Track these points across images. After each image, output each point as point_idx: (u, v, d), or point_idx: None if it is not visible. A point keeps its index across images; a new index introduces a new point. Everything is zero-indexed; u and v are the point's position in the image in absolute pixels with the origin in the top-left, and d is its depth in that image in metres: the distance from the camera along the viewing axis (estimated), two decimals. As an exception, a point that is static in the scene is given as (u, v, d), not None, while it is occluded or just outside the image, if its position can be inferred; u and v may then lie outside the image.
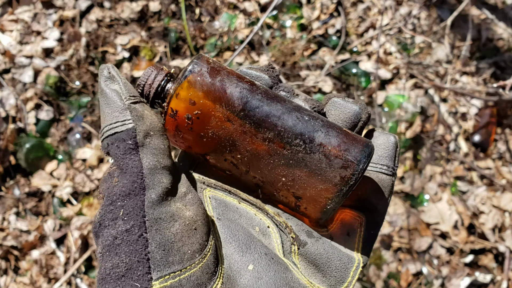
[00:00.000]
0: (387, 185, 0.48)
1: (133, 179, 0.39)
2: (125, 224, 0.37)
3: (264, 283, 0.43)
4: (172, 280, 0.36)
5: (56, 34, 2.07)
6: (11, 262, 1.72)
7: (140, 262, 0.36)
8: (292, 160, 0.44)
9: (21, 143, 1.86)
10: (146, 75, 0.47)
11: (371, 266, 1.77)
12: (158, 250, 0.37)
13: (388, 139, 0.48)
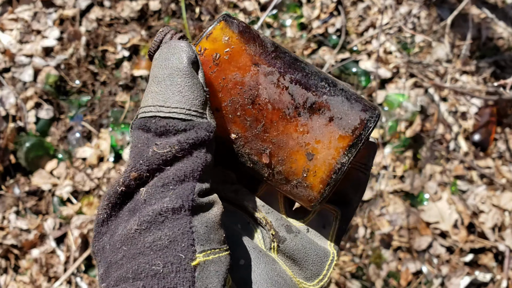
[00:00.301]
0: (362, 183, 0.50)
1: (193, 167, 0.38)
2: (171, 203, 0.36)
3: (258, 275, 0.44)
4: (213, 255, 0.37)
5: (56, 33, 2.07)
6: (11, 261, 1.72)
7: (184, 234, 0.36)
8: (316, 103, 0.44)
9: (21, 142, 1.86)
10: (162, 33, 0.45)
11: (371, 265, 1.77)
12: (202, 226, 0.37)
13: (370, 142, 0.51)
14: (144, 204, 0.37)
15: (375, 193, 1.86)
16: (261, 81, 0.44)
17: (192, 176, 0.37)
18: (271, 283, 0.44)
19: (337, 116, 0.44)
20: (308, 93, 0.44)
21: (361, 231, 1.81)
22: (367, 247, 1.79)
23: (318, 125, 0.44)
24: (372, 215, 1.83)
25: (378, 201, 1.85)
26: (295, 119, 0.44)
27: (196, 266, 0.35)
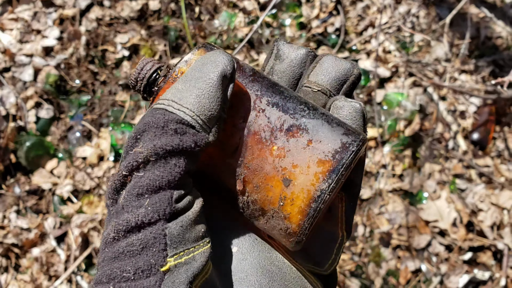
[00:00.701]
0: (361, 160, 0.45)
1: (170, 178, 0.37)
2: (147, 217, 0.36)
3: (248, 263, 0.43)
4: (186, 256, 0.36)
5: (56, 32, 2.07)
6: (11, 260, 1.73)
7: (156, 239, 0.35)
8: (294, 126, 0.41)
9: (21, 141, 1.86)
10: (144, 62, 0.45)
11: (370, 263, 1.78)
12: (176, 227, 0.36)
13: (354, 108, 0.44)
14: (122, 209, 0.36)
15: (374, 192, 1.86)
16: (242, 100, 0.42)
17: (168, 185, 0.36)
18: (261, 272, 0.42)
19: (316, 139, 0.40)
20: (285, 116, 0.41)
21: (361, 229, 1.82)
22: (366, 245, 1.80)
23: (295, 149, 0.40)
24: (371, 214, 1.84)
25: (377, 200, 1.86)
26: (271, 142, 0.41)
27: (166, 271, 0.35)
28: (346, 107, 0.45)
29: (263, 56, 2.06)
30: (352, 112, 0.44)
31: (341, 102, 0.45)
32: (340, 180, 0.40)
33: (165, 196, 0.36)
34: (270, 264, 0.44)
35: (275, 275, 0.43)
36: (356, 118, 0.44)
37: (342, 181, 0.40)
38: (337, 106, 0.45)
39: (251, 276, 0.42)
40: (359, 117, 0.44)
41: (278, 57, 0.49)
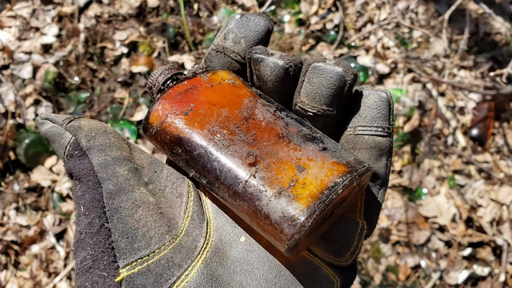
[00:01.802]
0: (384, 147, 0.44)
1: (87, 178, 0.40)
2: (87, 219, 0.38)
3: (255, 256, 0.42)
4: (140, 266, 0.36)
5: (55, 30, 2.07)
6: (11, 257, 1.73)
7: (104, 252, 0.37)
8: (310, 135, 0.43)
9: (20, 138, 1.86)
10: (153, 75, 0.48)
11: (369, 259, 1.78)
12: (122, 238, 0.37)
13: (380, 97, 0.43)
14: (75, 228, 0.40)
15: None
16: (258, 106, 0.43)
17: (91, 184, 0.40)
18: (268, 265, 0.42)
19: (331, 149, 0.41)
20: (302, 127, 0.42)
21: (360, 225, 1.82)
22: (365, 241, 1.80)
23: (311, 149, 0.41)
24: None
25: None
26: (287, 138, 0.41)
27: (121, 281, 0.35)
28: (372, 96, 0.44)
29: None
30: (377, 101, 0.44)
31: (367, 91, 0.44)
32: (352, 186, 0.39)
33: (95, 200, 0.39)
34: (279, 255, 0.43)
35: (283, 269, 0.42)
36: (382, 107, 0.44)
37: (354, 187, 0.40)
38: (363, 94, 0.44)
39: (257, 270, 0.41)
40: (384, 106, 0.44)
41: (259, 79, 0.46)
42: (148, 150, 1.89)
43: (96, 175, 0.40)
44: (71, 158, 0.41)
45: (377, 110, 0.44)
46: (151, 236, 0.38)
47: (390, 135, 0.44)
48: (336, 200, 0.38)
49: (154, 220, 0.39)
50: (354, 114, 0.44)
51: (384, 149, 0.44)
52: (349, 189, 0.39)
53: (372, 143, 0.43)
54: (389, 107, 0.44)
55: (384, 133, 0.44)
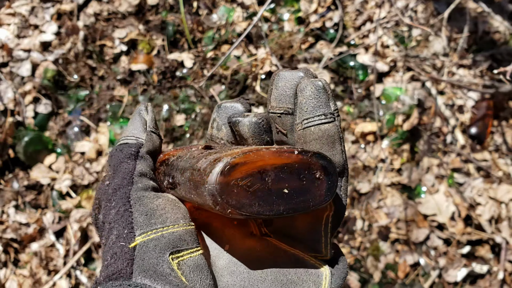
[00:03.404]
0: (333, 133, 0.45)
1: (123, 177, 0.45)
2: (114, 209, 0.43)
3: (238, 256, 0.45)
4: (154, 234, 0.40)
5: (54, 27, 2.07)
6: (10, 255, 1.73)
7: (125, 228, 0.41)
8: None
9: (19, 136, 1.86)
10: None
11: (368, 257, 1.78)
12: (141, 216, 0.41)
13: (315, 85, 0.45)
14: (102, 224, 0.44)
15: (373, 186, 1.87)
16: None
17: (123, 183, 0.44)
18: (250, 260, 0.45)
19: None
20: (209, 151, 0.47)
21: (359, 223, 1.82)
22: (365, 239, 1.80)
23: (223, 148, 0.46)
24: (369, 208, 1.84)
25: (376, 194, 1.86)
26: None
27: (135, 247, 0.39)
28: (308, 87, 0.45)
29: (261, 51, 2.06)
30: (314, 90, 0.45)
31: (303, 84, 0.46)
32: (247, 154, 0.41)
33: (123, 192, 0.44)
34: (260, 250, 0.45)
35: (264, 260, 0.44)
36: (319, 95, 0.45)
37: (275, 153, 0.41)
38: (300, 88, 0.46)
39: (241, 266, 0.44)
40: (321, 93, 0.45)
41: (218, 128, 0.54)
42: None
43: (132, 177, 0.45)
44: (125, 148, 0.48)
45: (315, 99, 0.45)
46: (167, 217, 0.42)
47: (335, 119, 0.45)
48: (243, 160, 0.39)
49: (172, 208, 0.43)
50: (299, 109, 0.46)
51: (334, 135, 0.45)
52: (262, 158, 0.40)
53: (319, 132, 0.45)
54: (326, 93, 0.45)
55: (327, 119, 0.45)
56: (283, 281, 0.43)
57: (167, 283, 0.37)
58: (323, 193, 0.41)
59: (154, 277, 0.38)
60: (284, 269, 0.44)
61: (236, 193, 0.39)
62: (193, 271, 0.40)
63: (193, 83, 2.01)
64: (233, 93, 2.00)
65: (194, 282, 0.40)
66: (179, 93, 2.00)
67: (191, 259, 0.41)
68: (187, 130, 1.95)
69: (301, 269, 0.45)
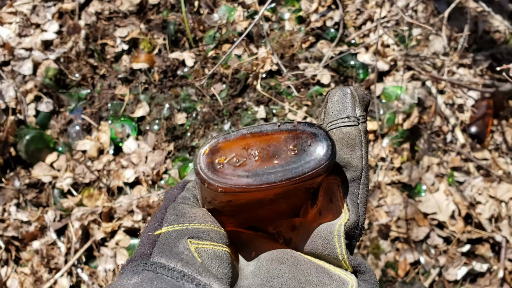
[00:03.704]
0: (354, 137, 0.45)
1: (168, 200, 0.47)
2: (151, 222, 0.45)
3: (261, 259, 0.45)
4: (179, 227, 0.42)
5: (55, 26, 2.07)
6: (12, 253, 1.73)
7: (156, 222, 0.43)
8: None
9: (21, 134, 1.86)
10: None
11: (369, 255, 1.79)
12: (172, 215, 0.43)
13: (343, 92, 0.46)
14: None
15: (373, 185, 1.87)
16: None
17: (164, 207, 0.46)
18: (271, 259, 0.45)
19: None
20: None
21: (360, 222, 1.82)
22: (365, 237, 1.81)
23: None
24: (370, 206, 1.85)
25: (376, 192, 1.87)
26: None
27: (159, 235, 0.41)
28: (336, 93, 0.46)
29: (262, 50, 2.06)
30: (341, 95, 0.46)
31: (333, 91, 0.47)
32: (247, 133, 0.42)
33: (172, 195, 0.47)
34: (283, 254, 0.45)
35: (285, 260, 0.44)
36: (345, 100, 0.45)
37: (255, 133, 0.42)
38: (330, 95, 0.47)
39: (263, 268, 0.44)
40: (348, 99, 0.45)
41: None
42: (149, 147, 1.89)
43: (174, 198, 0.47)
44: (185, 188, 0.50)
45: (341, 104, 0.45)
46: (196, 217, 0.44)
47: (359, 124, 0.45)
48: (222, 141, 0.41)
49: (203, 215, 0.45)
50: (326, 114, 0.47)
51: (355, 139, 0.45)
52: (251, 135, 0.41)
53: (340, 134, 0.45)
54: (353, 98, 0.45)
55: (350, 122, 0.45)
56: (301, 280, 0.42)
57: (179, 260, 0.39)
58: (319, 158, 0.41)
59: (169, 256, 0.39)
60: (305, 271, 0.43)
61: (222, 170, 0.40)
62: (212, 258, 0.41)
63: (194, 81, 2.01)
64: (234, 92, 2.00)
65: (211, 267, 0.40)
66: (180, 92, 2.01)
67: (213, 250, 0.41)
68: (188, 129, 1.95)
69: (323, 274, 0.43)
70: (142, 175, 1.83)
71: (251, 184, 0.39)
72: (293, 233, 0.48)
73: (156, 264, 0.38)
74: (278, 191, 0.42)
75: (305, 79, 2.01)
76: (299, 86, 2.02)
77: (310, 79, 2.01)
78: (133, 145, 1.90)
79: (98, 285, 1.71)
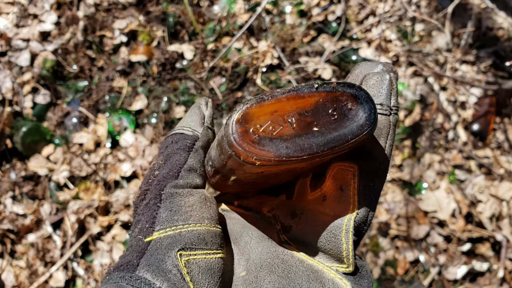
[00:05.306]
0: (383, 126, 0.42)
1: (171, 168, 0.45)
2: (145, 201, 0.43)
3: (250, 262, 0.44)
4: (172, 231, 0.40)
5: (53, 17, 2.05)
6: (7, 246, 1.71)
7: (147, 222, 0.41)
8: None
9: (17, 126, 1.84)
10: None
11: (368, 253, 1.77)
12: (165, 211, 0.41)
13: (381, 77, 0.43)
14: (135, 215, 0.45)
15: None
16: None
17: (168, 175, 0.44)
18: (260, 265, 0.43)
19: None
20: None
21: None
22: (364, 236, 1.79)
23: None
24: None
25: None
26: None
27: (150, 242, 0.40)
28: (374, 77, 0.43)
29: (262, 43, 2.04)
30: (379, 81, 0.43)
31: (371, 74, 0.44)
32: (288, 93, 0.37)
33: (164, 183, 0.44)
34: (273, 258, 0.43)
35: (275, 267, 0.42)
36: (382, 86, 0.42)
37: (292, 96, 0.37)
38: (367, 78, 0.44)
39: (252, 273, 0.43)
40: (385, 85, 0.42)
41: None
42: (146, 140, 1.87)
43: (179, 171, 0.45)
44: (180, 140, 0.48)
45: (377, 89, 0.43)
46: (191, 215, 0.42)
47: (392, 114, 0.42)
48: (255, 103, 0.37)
49: (201, 207, 0.43)
50: None
51: (382, 129, 0.42)
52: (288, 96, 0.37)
53: None
54: (391, 85, 0.43)
55: (382, 111, 0.42)
56: None
57: (166, 280, 0.37)
58: (361, 123, 0.37)
59: (156, 273, 0.37)
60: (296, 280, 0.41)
61: (258, 140, 0.36)
62: (202, 273, 0.39)
63: (194, 74, 1.99)
64: (233, 85, 1.98)
65: (200, 285, 0.39)
66: (178, 85, 1.98)
67: (204, 261, 0.40)
68: (187, 123, 1.93)
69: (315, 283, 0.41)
70: (139, 169, 1.81)
71: (291, 156, 0.36)
72: (293, 221, 0.45)
73: (141, 280, 0.37)
74: (316, 160, 0.38)
75: (306, 74, 1.98)
76: (299, 81, 1.99)
77: (311, 73, 1.98)
78: (130, 138, 1.88)
79: (94, 279, 1.69)
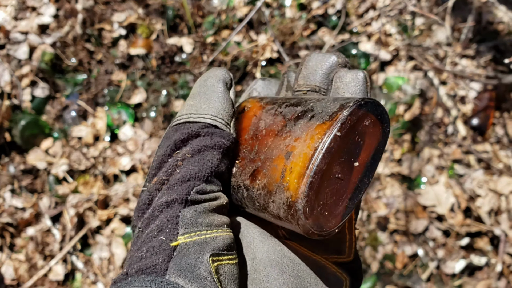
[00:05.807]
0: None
1: (200, 169, 0.41)
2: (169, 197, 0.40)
3: (258, 261, 0.44)
4: (198, 237, 0.38)
5: (52, 10, 2.03)
6: (6, 239, 1.71)
7: (169, 221, 0.38)
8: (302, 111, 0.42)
9: (16, 120, 1.84)
10: None
11: (366, 247, 1.78)
12: (190, 211, 0.39)
13: (356, 75, 0.45)
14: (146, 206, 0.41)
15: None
16: (262, 117, 0.45)
17: (197, 176, 0.41)
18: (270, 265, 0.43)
19: (318, 111, 0.40)
20: (297, 108, 0.43)
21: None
22: (363, 229, 1.79)
23: (300, 126, 0.41)
24: (369, 198, 1.83)
25: (376, 184, 1.85)
26: (281, 131, 0.42)
27: (176, 246, 0.37)
28: (348, 74, 0.45)
29: (262, 37, 2.03)
30: (354, 78, 0.45)
31: (342, 72, 0.46)
32: (337, 138, 0.37)
33: (190, 184, 0.40)
34: (281, 256, 0.43)
35: (285, 266, 0.43)
36: (358, 84, 0.45)
37: (339, 138, 0.38)
38: (339, 75, 0.46)
39: (261, 272, 0.43)
40: (362, 83, 0.45)
41: (289, 88, 0.52)
42: (145, 134, 1.87)
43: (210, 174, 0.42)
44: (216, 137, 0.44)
45: (355, 87, 0.45)
46: (214, 218, 0.40)
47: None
48: (324, 164, 0.37)
49: (222, 213, 0.42)
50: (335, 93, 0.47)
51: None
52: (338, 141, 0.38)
53: None
54: (366, 84, 0.45)
55: None
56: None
57: (200, 287, 0.36)
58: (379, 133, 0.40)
59: (190, 278, 0.36)
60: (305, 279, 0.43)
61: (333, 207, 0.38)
62: (228, 278, 0.39)
63: (193, 67, 1.98)
64: (233, 79, 1.97)
65: None
66: (178, 78, 1.98)
67: (228, 266, 0.39)
68: (186, 117, 1.92)
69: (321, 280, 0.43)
70: (138, 163, 1.81)
71: (350, 207, 0.40)
72: None
73: (173, 286, 0.35)
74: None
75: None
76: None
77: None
78: (129, 132, 1.87)
79: (93, 273, 1.69)
